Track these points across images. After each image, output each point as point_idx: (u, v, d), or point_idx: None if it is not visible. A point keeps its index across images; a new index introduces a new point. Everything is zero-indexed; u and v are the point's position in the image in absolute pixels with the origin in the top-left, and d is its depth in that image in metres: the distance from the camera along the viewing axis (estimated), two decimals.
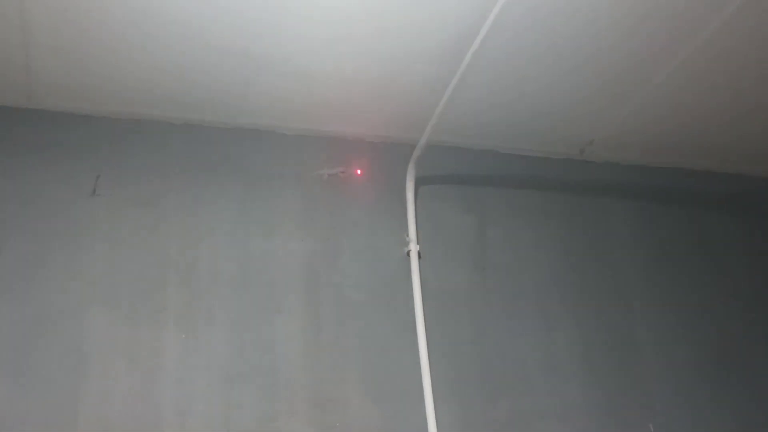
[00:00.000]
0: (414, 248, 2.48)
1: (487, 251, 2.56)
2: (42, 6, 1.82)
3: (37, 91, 2.17)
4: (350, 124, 2.54)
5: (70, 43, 2.00)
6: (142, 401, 2.02)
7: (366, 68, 2.27)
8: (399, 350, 2.33)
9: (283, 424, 2.10)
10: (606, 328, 2.52)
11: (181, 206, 2.35)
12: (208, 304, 2.24)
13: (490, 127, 2.59)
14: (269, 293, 2.31)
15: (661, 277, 2.64)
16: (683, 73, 2.28)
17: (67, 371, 2.01)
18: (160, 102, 2.34)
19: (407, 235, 2.50)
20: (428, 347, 2.32)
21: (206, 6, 1.89)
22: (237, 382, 2.14)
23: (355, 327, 2.34)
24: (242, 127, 2.50)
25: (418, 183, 2.59)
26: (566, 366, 2.43)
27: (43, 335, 2.04)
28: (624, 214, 2.72)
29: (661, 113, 2.49)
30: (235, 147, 2.50)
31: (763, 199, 2.79)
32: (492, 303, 2.50)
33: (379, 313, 2.38)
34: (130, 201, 2.33)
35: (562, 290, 2.56)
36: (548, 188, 2.71)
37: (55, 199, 2.23)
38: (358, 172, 2.48)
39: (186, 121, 2.45)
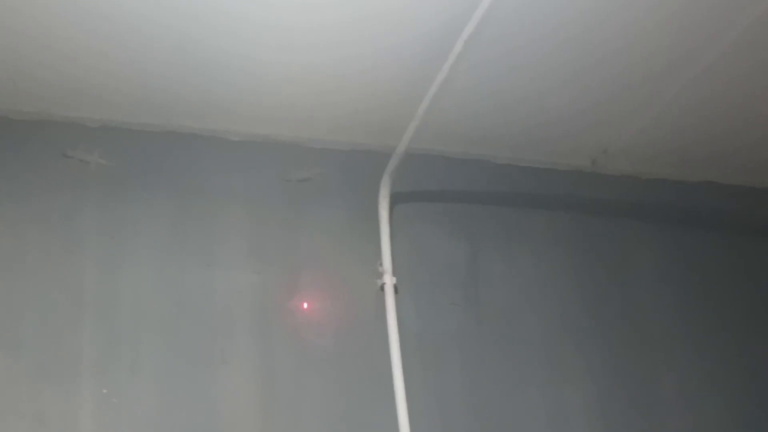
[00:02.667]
0: (389, 280, 2.40)
1: (479, 284, 2.51)
2: None
3: None
4: (311, 128, 2.48)
5: None
6: None
7: (330, 61, 2.21)
8: (372, 409, 2.26)
9: None
10: (626, 380, 2.47)
11: (98, 226, 2.28)
12: (132, 351, 2.18)
13: (483, 132, 2.54)
14: (209, 338, 2.24)
15: (690, 316, 2.61)
16: (720, 67, 2.32)
17: None
18: (69, 97, 2.25)
19: (381, 264, 2.42)
20: (408, 405, 2.25)
21: None
22: None
23: (317, 381, 2.26)
24: (176, 130, 2.41)
25: (395, 199, 2.52)
26: (578, 427, 2.40)
27: None
28: (645, 237, 2.69)
29: (687, 119, 2.49)
30: (166, 154, 2.42)
31: None
32: (487, 349, 2.43)
33: (347, 362, 2.30)
34: (34, 219, 2.22)
35: (573, 333, 2.50)
36: (554, 206, 2.67)
37: None
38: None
39: (103, 122, 2.36)
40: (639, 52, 2.28)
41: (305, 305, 2.38)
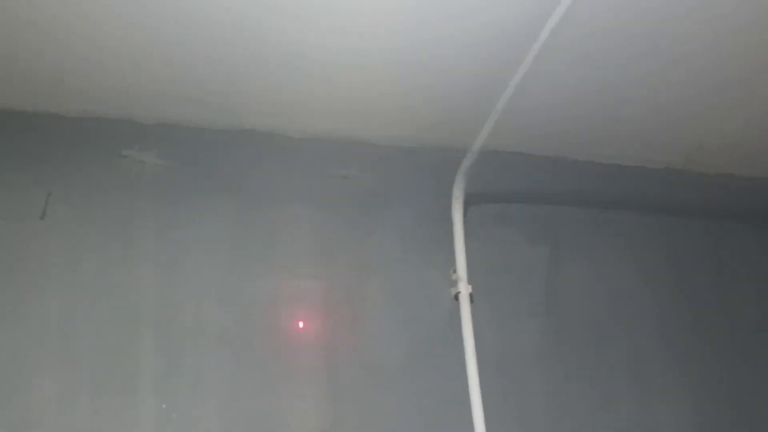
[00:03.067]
0: (464, 289, 2.32)
1: (562, 293, 2.42)
2: None
3: None
4: (378, 124, 2.40)
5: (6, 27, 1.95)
6: None
7: (403, 55, 2.13)
8: (447, 430, 2.19)
9: None
10: (728, 400, 2.38)
11: (156, 230, 2.23)
12: (193, 364, 2.14)
13: (564, 127, 2.43)
14: (273, 350, 2.19)
15: None
16: None
17: None
18: (124, 95, 2.21)
19: (454, 272, 2.35)
20: (486, 425, 2.18)
21: None
22: None
23: (387, 398, 2.19)
24: (234, 128, 2.34)
25: (469, 200, 2.43)
26: None
27: None
28: (743, 239, 2.61)
29: None
30: (226, 154, 2.36)
31: None
32: (571, 364, 2.35)
33: (419, 378, 2.23)
34: (92, 227, 2.18)
35: (666, 346, 2.41)
36: (643, 206, 2.55)
37: None
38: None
39: (159, 119, 2.30)
40: (735, 45, 2.17)
41: (373, 315, 2.31)
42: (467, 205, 2.44)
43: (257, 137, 2.38)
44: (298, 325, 2.25)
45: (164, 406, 2.09)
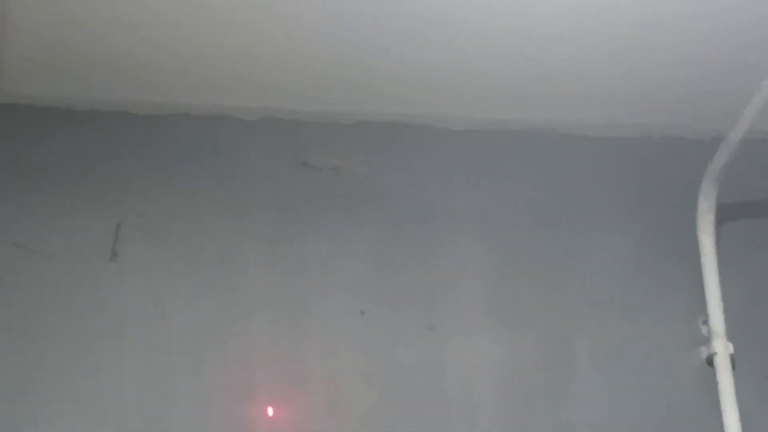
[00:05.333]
0: (722, 349, 1.96)
1: None
2: None
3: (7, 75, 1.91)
4: (578, 106, 2.16)
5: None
6: None
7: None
8: None
9: None
10: None
11: (271, 267, 1.98)
12: None
13: None
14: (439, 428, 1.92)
15: None
16: None
17: None
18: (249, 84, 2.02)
19: (705, 322, 2.02)
20: None
21: None
22: None
23: None
24: (367, 120, 2.14)
25: (724, 214, 2.13)
26: None
27: None
28: None
29: None
30: (370, 150, 2.12)
31: None
32: None
33: None
34: (177, 264, 1.96)
35: None
36: None
37: (42, 267, 1.92)
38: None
39: (265, 112, 2.08)
40: None
41: (576, 388, 2.00)
42: (721, 220, 2.13)
43: (409, 130, 2.19)
44: (471, 396, 2.01)
45: None
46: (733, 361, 1.94)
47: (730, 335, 1.97)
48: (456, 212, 2.11)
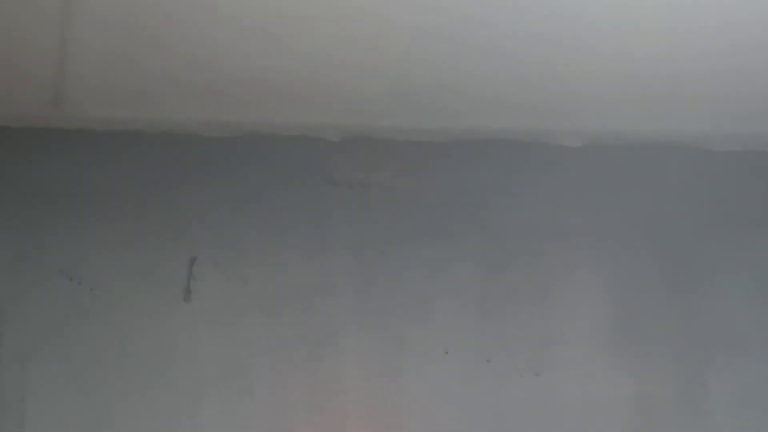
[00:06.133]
0: None
1: None
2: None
3: (70, 98, 1.80)
4: (720, 118, 1.96)
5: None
6: None
7: None
8: None
9: None
10: None
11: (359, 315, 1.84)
12: None
13: None
14: None
15: None
16: None
17: None
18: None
19: None
20: None
21: None
22: None
23: None
24: (490, 136, 1.98)
25: None
26: None
27: None
28: None
29: None
30: (468, 170, 1.96)
31: None
32: None
33: None
34: (257, 304, 1.84)
35: None
36: None
37: (108, 307, 1.80)
38: None
39: (349, 130, 1.91)
40: None
41: (714, 429, 1.85)
42: None
43: (519, 147, 2.02)
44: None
45: None
46: None
47: None
48: (570, 239, 1.93)
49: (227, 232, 1.88)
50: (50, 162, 1.87)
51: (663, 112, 2.01)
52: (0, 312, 1.83)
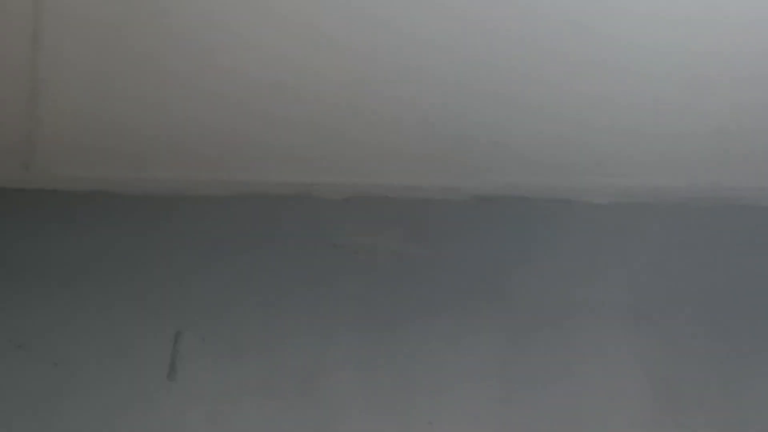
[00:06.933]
0: None
1: None
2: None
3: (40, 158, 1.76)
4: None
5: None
6: None
7: None
8: None
9: None
10: None
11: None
12: None
13: None
14: None
15: None
16: None
17: None
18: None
19: None
20: None
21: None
22: None
23: None
24: (507, 193, 1.93)
25: None
26: None
27: None
28: None
29: None
30: (487, 231, 1.87)
31: None
32: None
33: None
34: (249, 383, 1.72)
35: None
36: None
37: (85, 387, 1.68)
38: None
39: (354, 189, 1.85)
40: None
41: None
42: None
43: (541, 206, 1.96)
44: None
45: None
46: None
47: None
48: (603, 308, 1.79)
49: (216, 304, 1.75)
50: (17, 226, 1.75)
51: (708, 165, 1.88)
52: None
